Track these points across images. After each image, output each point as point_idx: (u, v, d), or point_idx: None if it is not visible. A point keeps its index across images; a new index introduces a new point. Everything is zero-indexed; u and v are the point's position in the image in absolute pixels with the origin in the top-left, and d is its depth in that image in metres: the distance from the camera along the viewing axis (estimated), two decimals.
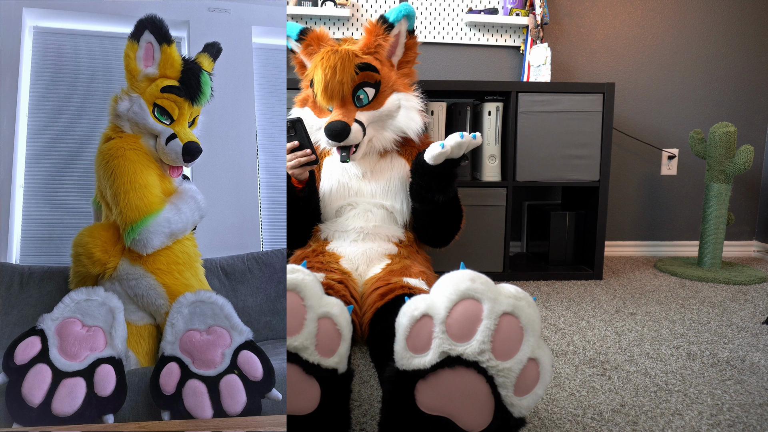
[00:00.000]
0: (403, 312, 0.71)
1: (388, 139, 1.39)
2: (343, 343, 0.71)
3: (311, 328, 0.67)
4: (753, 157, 1.94)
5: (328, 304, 0.70)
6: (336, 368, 0.70)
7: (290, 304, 0.67)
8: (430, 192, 1.29)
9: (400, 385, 0.69)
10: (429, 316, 0.68)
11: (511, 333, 0.66)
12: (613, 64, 2.23)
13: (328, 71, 1.30)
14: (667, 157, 2.30)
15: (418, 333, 0.69)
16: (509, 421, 0.69)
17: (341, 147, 1.33)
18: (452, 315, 0.67)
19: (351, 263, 1.32)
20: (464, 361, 0.66)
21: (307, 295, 0.68)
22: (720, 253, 1.98)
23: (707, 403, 0.97)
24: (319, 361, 0.68)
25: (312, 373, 0.68)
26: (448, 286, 0.68)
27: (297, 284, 0.67)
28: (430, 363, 0.67)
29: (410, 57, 1.46)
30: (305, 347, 0.67)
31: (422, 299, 0.70)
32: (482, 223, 1.83)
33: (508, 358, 0.66)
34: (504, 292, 0.67)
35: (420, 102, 1.40)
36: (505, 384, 0.66)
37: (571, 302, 1.61)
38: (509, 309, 0.66)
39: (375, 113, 1.36)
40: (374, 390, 1.01)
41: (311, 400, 0.68)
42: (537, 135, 1.83)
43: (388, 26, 1.39)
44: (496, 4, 2.15)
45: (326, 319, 0.69)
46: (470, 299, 0.67)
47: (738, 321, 1.44)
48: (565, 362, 1.15)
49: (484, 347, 0.65)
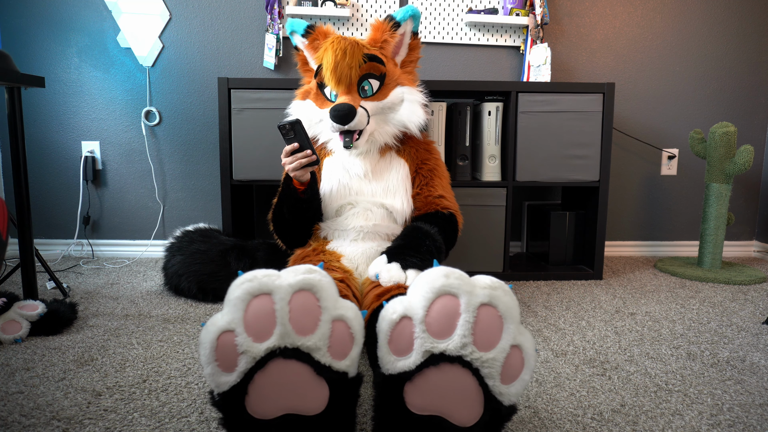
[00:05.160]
0: (382, 317, 0.71)
1: (390, 134, 1.40)
2: (356, 347, 0.70)
3: (325, 330, 0.67)
4: (753, 157, 1.94)
5: (344, 307, 0.70)
6: (347, 371, 0.70)
7: (305, 303, 0.66)
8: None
9: (389, 390, 0.69)
10: (408, 317, 0.68)
11: (491, 323, 0.66)
12: (613, 64, 2.23)
13: (339, 53, 1.31)
14: (667, 157, 2.30)
15: (399, 335, 0.69)
16: (500, 410, 0.69)
17: (345, 132, 1.33)
18: (430, 313, 0.67)
19: (351, 262, 1.32)
20: (448, 357, 0.66)
21: (323, 296, 0.67)
22: (720, 253, 1.98)
23: (707, 403, 0.97)
24: (330, 363, 0.68)
25: (322, 374, 0.67)
26: (423, 285, 0.68)
27: (314, 284, 0.67)
28: (415, 364, 0.67)
29: (413, 57, 1.51)
30: (318, 348, 0.66)
31: (399, 302, 0.70)
32: (482, 223, 1.83)
33: (490, 348, 0.66)
34: (479, 284, 0.67)
35: (423, 97, 1.42)
36: (491, 374, 0.67)
37: (571, 302, 1.61)
38: (486, 300, 0.66)
39: (379, 104, 1.37)
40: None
41: (319, 402, 0.68)
42: (537, 135, 1.83)
43: (395, 25, 1.43)
44: (496, 4, 2.15)
45: (341, 322, 0.69)
46: (447, 295, 0.67)
47: (738, 321, 1.44)
48: (565, 362, 1.15)
49: (466, 341, 0.65)
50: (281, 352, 0.65)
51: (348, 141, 1.33)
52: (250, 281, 0.66)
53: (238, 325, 0.65)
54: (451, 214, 1.39)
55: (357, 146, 1.35)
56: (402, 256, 1.20)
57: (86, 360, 1.13)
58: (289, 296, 0.66)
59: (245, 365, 0.65)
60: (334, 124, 1.31)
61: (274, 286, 0.66)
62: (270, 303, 0.65)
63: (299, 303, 0.66)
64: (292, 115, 1.48)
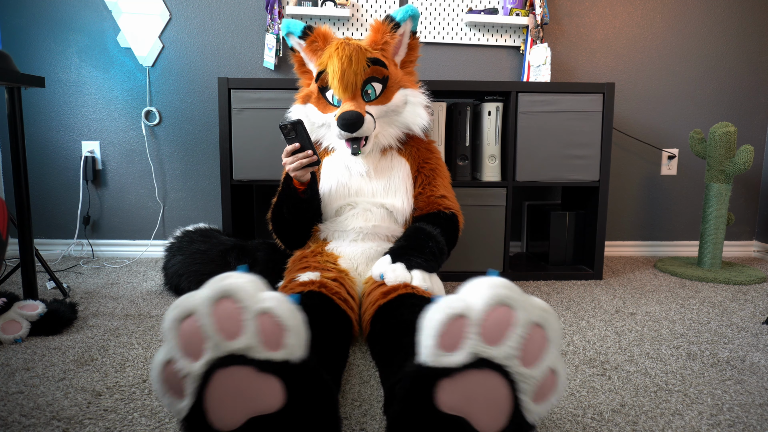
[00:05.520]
0: (438, 308, 0.70)
1: (393, 136, 1.40)
2: (290, 333, 0.69)
3: (251, 327, 0.67)
4: (753, 157, 1.94)
5: (264, 299, 0.69)
6: (287, 359, 0.69)
7: (225, 309, 0.67)
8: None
9: (421, 381, 0.69)
10: (464, 316, 0.69)
11: (538, 342, 0.69)
12: (613, 64, 2.23)
13: (345, 60, 1.31)
14: (667, 157, 2.30)
15: (451, 331, 0.69)
16: (522, 426, 0.70)
17: (352, 139, 1.33)
18: (488, 318, 0.68)
19: (350, 263, 1.32)
20: (493, 364, 0.67)
21: (240, 297, 0.67)
22: (720, 253, 1.98)
23: (707, 403, 0.97)
24: (268, 357, 0.68)
25: (266, 370, 0.67)
26: (485, 290, 0.69)
27: (228, 289, 0.67)
28: (460, 363, 0.68)
29: (413, 57, 1.51)
30: (250, 346, 0.67)
31: (458, 299, 0.70)
32: (482, 223, 1.83)
33: (532, 365, 0.68)
34: (536, 304, 0.70)
35: (426, 98, 1.42)
36: (527, 390, 0.68)
37: (571, 302, 1.61)
38: (539, 320, 0.69)
39: (383, 108, 1.37)
40: (374, 390, 1.01)
41: (276, 396, 0.68)
42: (537, 135, 1.83)
43: (395, 25, 1.43)
44: (496, 4, 2.15)
45: (265, 315, 0.68)
46: (505, 306, 0.68)
47: (738, 321, 1.44)
48: (565, 362, 1.15)
49: (514, 353, 0.67)
50: (219, 362, 0.67)
51: (356, 148, 1.33)
52: (175, 308, 0.68)
53: (175, 353, 0.67)
54: (453, 215, 1.39)
55: (364, 152, 1.35)
56: (406, 257, 1.20)
57: (86, 360, 1.13)
58: (210, 309, 0.67)
59: (192, 386, 0.67)
60: (342, 132, 1.31)
61: (193, 304, 0.67)
62: (195, 321, 0.67)
63: (221, 311, 0.67)
64: (292, 116, 1.48)
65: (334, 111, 1.38)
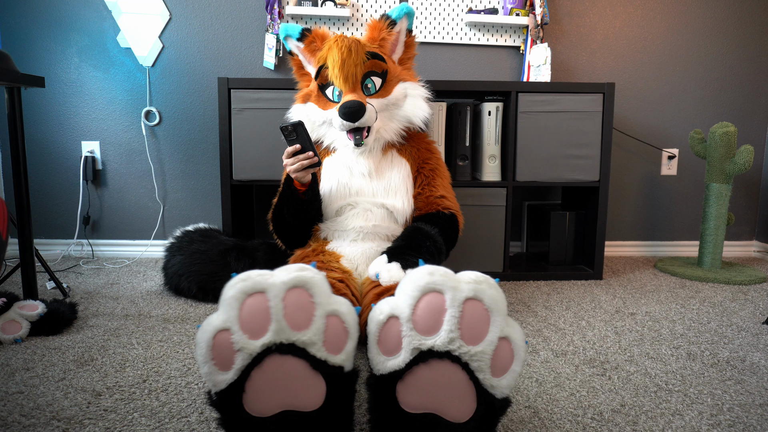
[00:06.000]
0: (371, 318, 0.71)
1: (395, 130, 1.41)
2: (350, 342, 0.71)
3: (320, 325, 0.67)
4: (753, 157, 1.94)
5: (337, 302, 0.70)
6: (342, 366, 0.70)
7: (299, 299, 0.67)
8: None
9: (381, 390, 0.70)
10: (395, 317, 0.69)
11: (477, 317, 0.67)
12: (613, 64, 2.23)
13: (344, 50, 1.32)
14: (667, 157, 2.30)
15: (387, 335, 0.69)
16: (494, 403, 0.69)
17: (354, 130, 1.33)
18: (416, 311, 0.67)
19: (350, 263, 1.32)
20: (436, 353, 0.67)
21: (316, 292, 0.68)
22: (720, 253, 1.98)
23: (707, 403, 0.97)
24: (326, 358, 0.68)
25: (319, 369, 0.68)
26: (408, 284, 0.69)
27: (306, 281, 0.68)
28: (404, 362, 0.68)
29: (409, 55, 1.52)
30: (313, 342, 0.67)
31: (386, 302, 0.71)
32: (482, 223, 1.83)
33: (478, 341, 0.67)
34: (464, 279, 0.68)
35: (426, 91, 1.43)
36: (481, 367, 0.67)
37: (571, 302, 1.61)
38: (471, 294, 0.67)
39: (383, 101, 1.38)
40: None
41: (317, 397, 0.68)
42: (537, 135, 1.83)
43: (391, 23, 1.44)
44: (496, 4, 2.15)
45: (335, 317, 0.69)
46: (432, 292, 0.67)
47: (738, 321, 1.44)
48: (565, 362, 1.15)
49: (453, 335, 0.66)
50: (277, 348, 0.66)
51: (359, 138, 1.33)
52: (244, 281, 0.67)
53: (233, 324, 0.66)
54: (452, 215, 1.39)
55: (367, 143, 1.35)
56: (402, 256, 1.20)
57: (86, 360, 1.13)
58: (282, 293, 0.66)
59: (242, 362, 0.66)
60: (344, 122, 1.31)
61: (267, 284, 0.66)
62: (264, 300, 0.66)
63: (293, 299, 0.66)
64: (293, 117, 1.48)
65: (334, 107, 1.38)
